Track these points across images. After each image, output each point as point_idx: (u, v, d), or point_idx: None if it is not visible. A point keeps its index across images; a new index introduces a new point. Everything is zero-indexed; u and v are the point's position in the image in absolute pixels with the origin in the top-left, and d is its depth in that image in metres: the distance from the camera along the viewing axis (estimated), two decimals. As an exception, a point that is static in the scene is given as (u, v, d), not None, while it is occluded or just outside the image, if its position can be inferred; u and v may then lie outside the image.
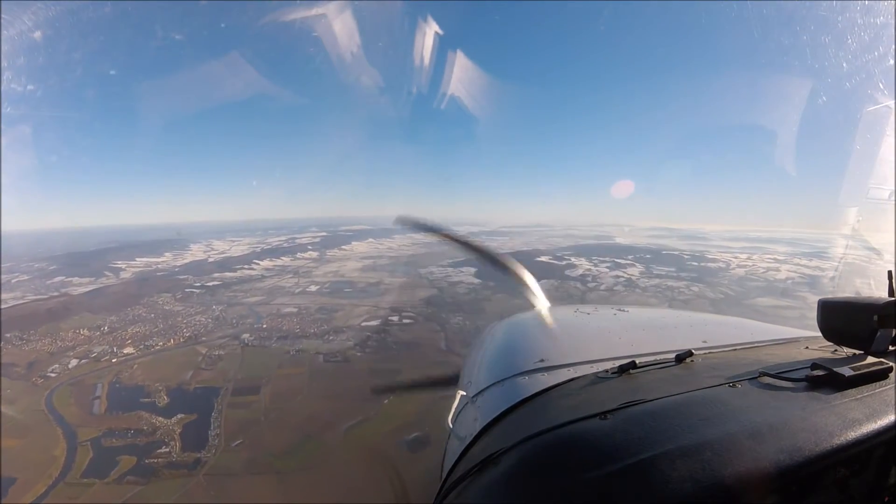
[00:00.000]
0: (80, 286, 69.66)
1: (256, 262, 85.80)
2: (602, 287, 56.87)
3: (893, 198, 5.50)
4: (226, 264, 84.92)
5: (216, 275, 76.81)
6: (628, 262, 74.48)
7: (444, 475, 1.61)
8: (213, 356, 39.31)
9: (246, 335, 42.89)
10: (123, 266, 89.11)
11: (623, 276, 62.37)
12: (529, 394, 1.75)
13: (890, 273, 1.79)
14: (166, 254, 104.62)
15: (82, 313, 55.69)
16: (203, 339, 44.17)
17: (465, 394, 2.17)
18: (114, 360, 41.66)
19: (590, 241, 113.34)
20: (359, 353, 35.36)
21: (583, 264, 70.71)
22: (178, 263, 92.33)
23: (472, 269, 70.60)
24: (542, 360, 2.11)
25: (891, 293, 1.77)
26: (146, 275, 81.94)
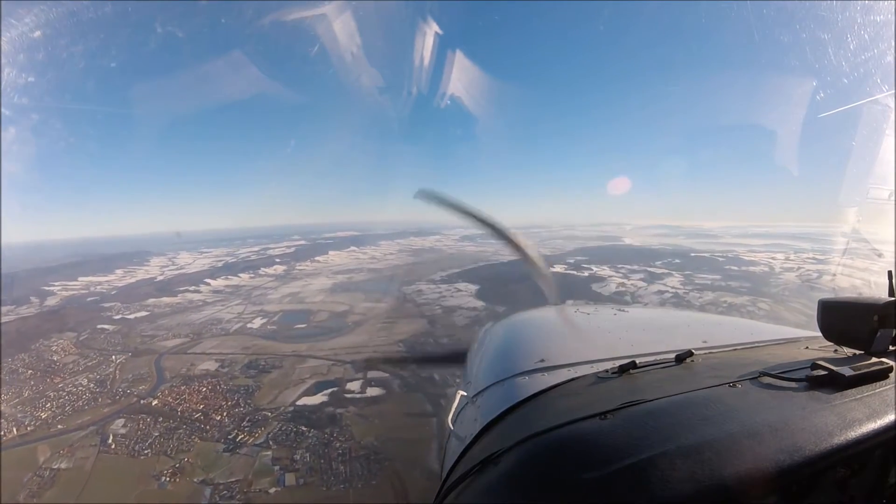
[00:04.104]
0: (-6, 317, 53.31)
1: (208, 280, 68.78)
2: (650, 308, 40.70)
3: (893, 198, 5.39)
4: (170, 285, 67.86)
5: (150, 301, 59.84)
6: (660, 269, 58.64)
7: (444, 475, 1.54)
8: (49, 473, 22.80)
9: (120, 422, 26.11)
10: (58, 288, 72.57)
11: (667, 290, 46.49)
12: (529, 394, 1.68)
13: (890, 273, 1.72)
14: (118, 271, 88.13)
15: (-56, 369, 38.99)
16: (59, 426, 27.30)
17: (465, 394, 2.08)
18: None
19: (596, 243, 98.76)
20: (272, 490, 18.72)
21: (609, 275, 54.69)
22: (122, 284, 75.44)
23: (473, 287, 54.25)
24: (542, 360, 2.04)
25: (891, 293, 1.70)
26: (73, 301, 65.12)
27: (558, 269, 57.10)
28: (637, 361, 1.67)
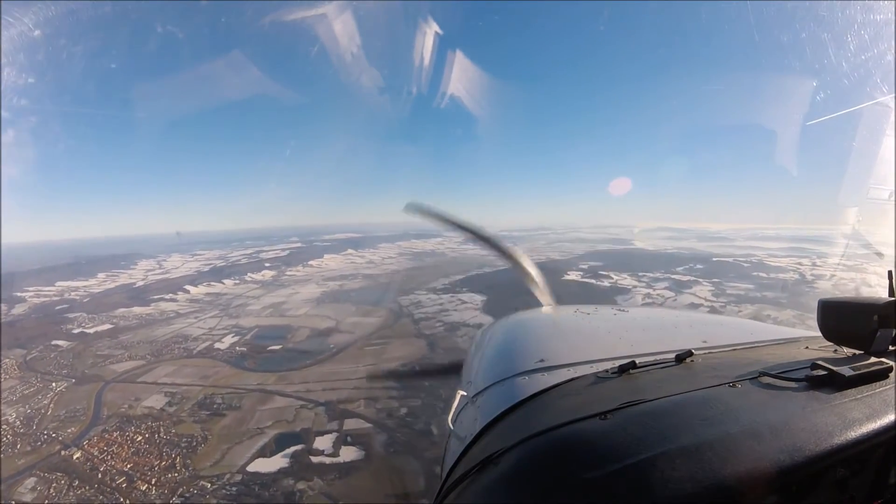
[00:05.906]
0: (-47, 327, 48.16)
1: (188, 287, 63.00)
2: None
3: (893, 198, 5.30)
4: (146, 293, 62.13)
5: (119, 311, 54.09)
6: (685, 276, 52.61)
7: (444, 475, 1.54)
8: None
9: (30, 483, 20.44)
10: (30, 294, 66.97)
11: (701, 303, 40.45)
12: (529, 394, 1.66)
13: (890, 273, 1.70)
14: (100, 274, 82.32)
15: None
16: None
17: (465, 394, 2.07)
18: None
19: (606, 247, 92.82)
20: None
21: (632, 284, 48.61)
22: (98, 290, 69.71)
23: (478, 298, 48.19)
24: (542, 360, 2.02)
25: (891, 293, 1.68)
26: (41, 310, 59.50)
27: (573, 276, 51.18)
28: (637, 361, 1.64)
